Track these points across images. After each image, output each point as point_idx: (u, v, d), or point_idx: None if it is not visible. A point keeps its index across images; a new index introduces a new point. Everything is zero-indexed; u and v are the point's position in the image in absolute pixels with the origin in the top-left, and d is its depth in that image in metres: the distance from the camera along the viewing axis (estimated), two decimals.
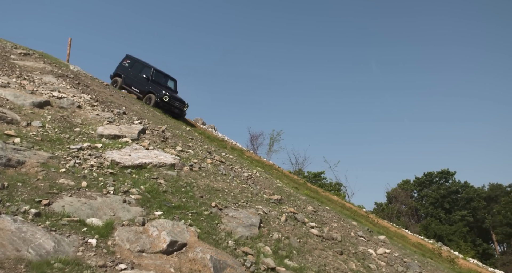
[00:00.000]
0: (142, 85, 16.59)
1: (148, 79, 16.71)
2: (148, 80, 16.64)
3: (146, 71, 17.20)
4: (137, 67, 17.47)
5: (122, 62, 17.96)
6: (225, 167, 8.23)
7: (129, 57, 18.31)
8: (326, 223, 7.19)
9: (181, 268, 3.58)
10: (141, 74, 17.03)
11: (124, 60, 18.04)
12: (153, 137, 8.00)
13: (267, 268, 4.19)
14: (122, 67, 17.68)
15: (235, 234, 4.81)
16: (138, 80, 16.78)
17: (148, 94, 16.31)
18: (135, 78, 16.97)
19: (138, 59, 18.04)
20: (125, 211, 4.29)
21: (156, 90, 16.32)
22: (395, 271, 5.94)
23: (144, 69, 17.34)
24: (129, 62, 17.82)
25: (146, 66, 17.46)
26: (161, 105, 15.87)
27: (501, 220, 51.82)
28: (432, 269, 7.00)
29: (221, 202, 5.70)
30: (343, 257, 5.59)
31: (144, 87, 16.51)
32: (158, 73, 17.59)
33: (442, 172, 59.65)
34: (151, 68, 17.40)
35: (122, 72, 17.48)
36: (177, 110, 16.77)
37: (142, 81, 16.69)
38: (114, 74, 17.73)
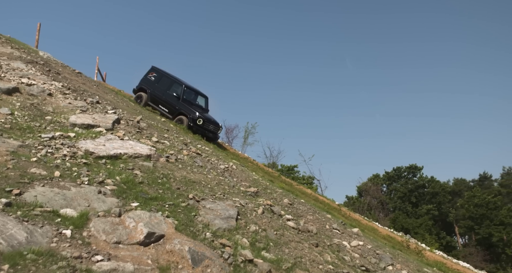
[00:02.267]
0: (171, 104, 14.62)
1: (178, 97, 14.66)
2: (178, 99, 14.62)
3: (175, 88, 15.11)
4: (165, 82, 15.35)
5: (147, 75, 15.78)
6: (201, 159, 8.16)
7: (155, 69, 16.01)
8: (301, 215, 7.27)
9: (158, 260, 3.53)
10: (170, 91, 14.97)
11: (150, 72, 15.85)
12: (128, 127, 7.83)
13: (245, 260, 4.18)
14: (148, 81, 15.49)
15: (213, 226, 4.79)
16: (167, 98, 14.75)
17: (179, 115, 14.33)
18: (163, 95, 14.88)
19: (166, 73, 15.84)
20: (100, 202, 4.18)
21: (188, 111, 14.34)
22: (369, 262, 6.08)
23: (173, 85, 15.23)
24: (155, 76, 15.62)
25: (176, 82, 15.35)
26: (195, 129, 13.99)
27: (464, 214, 54.07)
28: (403, 260, 7.22)
29: (198, 194, 5.65)
30: (318, 249, 5.67)
31: (174, 106, 14.55)
32: (189, 90, 15.45)
33: (410, 167, 61.49)
34: (181, 84, 15.22)
35: (147, 86, 15.30)
36: (211, 134, 14.92)
37: (171, 99, 14.69)
38: (138, 88, 15.56)
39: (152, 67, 16.09)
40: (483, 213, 51.90)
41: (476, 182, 61.22)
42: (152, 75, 15.70)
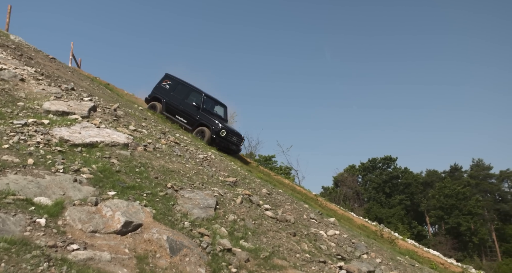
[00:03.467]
0: (190, 115, 13.62)
1: (198, 107, 13.64)
2: (198, 109, 13.64)
3: (194, 97, 14.06)
4: (181, 91, 14.27)
5: (161, 83, 14.73)
6: (180, 148, 8.08)
7: (169, 77, 14.97)
8: (280, 205, 7.33)
9: (136, 249, 3.50)
10: (188, 100, 13.96)
11: (164, 80, 14.82)
12: (105, 115, 7.65)
13: (223, 249, 4.20)
14: (162, 89, 14.47)
15: (191, 215, 4.77)
16: (185, 108, 13.76)
17: (200, 126, 13.31)
18: (180, 105, 13.88)
19: (182, 81, 14.76)
20: (76, 190, 4.09)
21: (210, 122, 13.34)
22: (344, 251, 6.21)
23: (191, 94, 14.16)
24: (170, 84, 14.58)
25: (194, 90, 14.29)
26: (217, 141, 13.09)
27: (435, 204, 55.89)
28: (377, 249, 7.41)
29: (176, 183, 5.60)
30: (296, 238, 5.74)
31: (193, 117, 13.55)
32: (208, 100, 14.45)
33: (385, 158, 62.90)
34: (201, 93, 14.16)
35: (161, 95, 14.26)
36: (234, 146, 14.05)
37: (190, 109, 13.70)
38: (151, 97, 14.53)
39: (166, 75, 15.00)
40: (452, 203, 53.78)
41: (447, 173, 63.27)
42: (166, 83, 14.61)
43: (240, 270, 3.89)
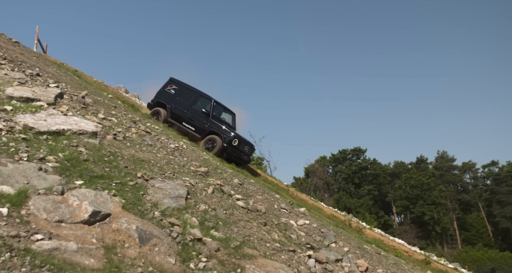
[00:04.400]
0: (199, 122, 12.74)
1: (208, 114, 12.75)
2: (208, 116, 12.76)
3: (203, 103, 13.15)
4: (188, 96, 13.37)
5: (165, 88, 13.79)
6: (151, 138, 7.96)
7: (174, 81, 13.97)
8: (251, 195, 7.37)
9: (104, 239, 3.43)
10: (195, 106, 13.05)
11: (168, 85, 13.87)
12: (72, 102, 7.41)
13: (194, 238, 4.19)
14: (166, 95, 13.53)
15: (162, 205, 4.72)
16: (193, 115, 12.88)
17: (210, 135, 12.41)
18: (187, 112, 12.99)
19: (188, 85, 13.76)
20: (41, 179, 3.96)
21: (221, 130, 12.47)
22: (314, 240, 6.34)
23: (199, 100, 13.23)
24: (175, 89, 13.63)
25: (203, 96, 13.36)
26: (229, 151, 12.30)
27: (401, 194, 57.83)
28: (345, 238, 7.60)
29: (147, 172, 5.52)
30: (266, 228, 5.80)
31: (202, 125, 12.65)
32: (218, 106, 13.53)
33: (355, 150, 64.33)
34: (210, 99, 13.21)
35: (166, 101, 13.33)
36: (246, 157, 13.25)
37: (198, 116, 12.83)
38: (154, 102, 13.58)
39: (171, 79, 14.09)
40: (418, 193, 55.82)
41: (414, 165, 65.49)
42: (171, 87, 13.70)
43: (210, 260, 3.90)
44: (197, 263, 3.72)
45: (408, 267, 7.97)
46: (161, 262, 3.42)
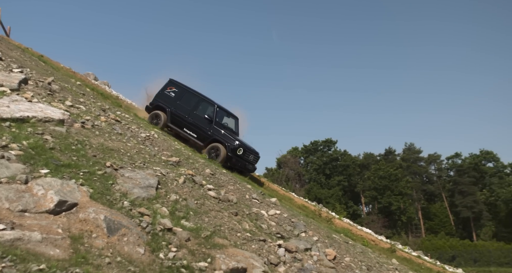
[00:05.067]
0: (201, 129, 11.96)
1: (211, 120, 11.93)
2: (211, 122, 11.95)
3: (205, 108, 12.36)
4: (189, 100, 12.49)
5: (165, 90, 12.92)
6: (121, 127, 7.79)
7: (174, 83, 13.05)
8: (223, 185, 7.37)
9: (70, 229, 3.35)
10: (197, 111, 12.24)
11: (168, 87, 12.98)
12: (38, 89, 7.13)
13: (164, 228, 4.16)
14: (166, 97, 12.69)
15: (131, 195, 4.65)
16: (195, 120, 12.07)
17: (213, 142, 11.68)
18: (188, 117, 12.17)
19: (189, 88, 12.86)
20: (3, 167, 3.81)
21: (225, 138, 11.74)
22: (284, 230, 6.42)
23: (202, 105, 12.42)
24: (175, 91, 12.76)
25: (205, 101, 12.54)
26: (234, 161, 11.61)
27: (370, 185, 59.41)
28: (315, 227, 7.74)
29: (116, 162, 5.41)
30: (237, 218, 5.83)
31: (205, 131, 11.90)
32: (221, 111, 12.72)
33: (326, 141, 65.39)
34: (213, 104, 12.42)
35: (166, 104, 12.50)
36: (251, 166, 12.64)
37: (200, 122, 12.04)
38: (153, 106, 12.73)
39: (171, 81, 13.21)
40: (385, 184, 57.52)
41: (382, 156, 67.27)
42: (171, 90, 12.84)
43: (180, 250, 3.89)
44: (167, 253, 3.70)
45: (374, 255, 8.23)
46: (130, 252, 3.38)
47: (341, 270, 5.87)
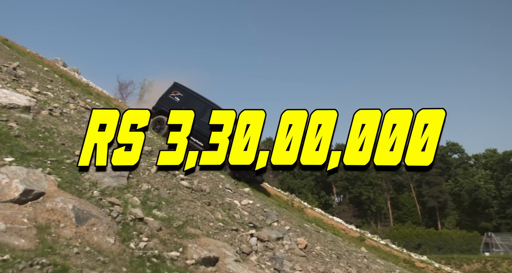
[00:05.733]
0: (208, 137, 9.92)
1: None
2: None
3: None
4: (196, 106, 11.30)
5: (169, 94, 12.07)
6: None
7: (179, 87, 12.23)
8: (196, 175, 7.33)
9: (36, 218, 3.26)
10: (204, 118, 11.12)
11: (172, 91, 12.15)
12: (2, 74, 6.83)
13: (135, 218, 4.11)
14: (170, 102, 11.78)
15: (101, 184, 4.56)
16: (202, 128, 10.90)
17: None
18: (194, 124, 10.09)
19: (195, 93, 12.03)
20: None
21: None
22: (257, 219, 6.48)
23: (209, 111, 11.05)
24: (180, 96, 11.92)
25: (213, 107, 11.46)
26: (243, 172, 10.90)
27: (341, 175, 60.59)
28: (287, 217, 7.85)
29: None
30: (210, 207, 5.83)
31: None
32: None
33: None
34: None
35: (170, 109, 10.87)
36: (259, 177, 12.08)
37: (207, 131, 10.30)
38: (157, 110, 11.78)
39: (175, 84, 12.45)
40: (357, 174, 58.84)
41: None
42: (175, 94, 12.03)
43: (151, 239, 3.86)
44: (138, 243, 3.67)
45: (344, 244, 8.44)
46: (99, 242, 3.33)
47: (312, 259, 5.99)
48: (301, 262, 5.54)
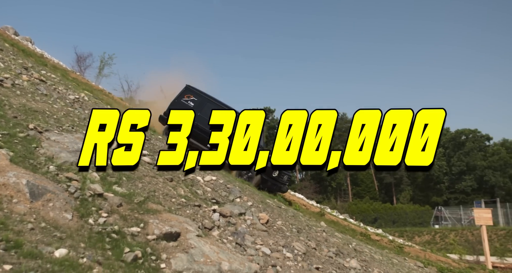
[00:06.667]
0: None
1: None
2: None
3: None
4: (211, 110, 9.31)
5: (181, 98, 11.19)
6: (46, 87, 7.21)
7: (192, 91, 11.34)
8: (158, 151, 7.22)
9: None
10: None
11: (185, 94, 11.26)
12: None
13: (94, 194, 4.02)
14: (183, 107, 10.79)
15: (58, 159, 4.40)
16: None
17: None
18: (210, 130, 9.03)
19: (210, 97, 11.16)
20: None
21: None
22: (219, 195, 6.52)
23: None
24: (194, 100, 11.02)
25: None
26: (269, 184, 10.36)
27: None
28: (249, 193, 7.94)
29: (41, 124, 5.05)
30: (172, 183, 5.80)
31: None
32: None
33: (264, 109, 66.20)
34: None
35: None
36: (285, 187, 11.44)
37: None
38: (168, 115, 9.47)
39: (187, 87, 11.59)
40: None
41: None
42: (189, 98, 11.19)
43: (111, 215, 3.80)
44: (97, 219, 3.60)
45: (304, 218, 8.70)
46: (56, 218, 3.24)
47: (273, 233, 6.14)
48: (262, 236, 5.67)
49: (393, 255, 9.91)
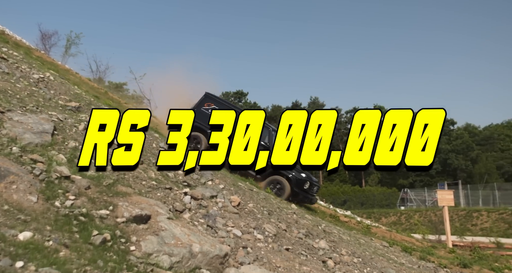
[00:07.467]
0: None
1: (267, 147, 9.62)
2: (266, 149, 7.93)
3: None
4: None
5: (201, 106, 10.71)
6: (8, 65, 6.88)
7: (213, 99, 10.88)
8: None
9: None
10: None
11: (205, 103, 10.81)
12: None
13: (60, 176, 3.91)
14: (204, 116, 9.77)
15: (22, 140, 4.24)
16: None
17: (273, 175, 9.97)
18: None
19: (232, 105, 10.79)
20: None
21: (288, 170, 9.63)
22: (191, 178, 6.49)
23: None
24: (216, 109, 9.32)
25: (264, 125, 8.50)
26: (301, 197, 10.20)
27: None
28: (221, 176, 7.96)
29: (2, 104, 4.83)
30: (143, 166, 5.72)
31: None
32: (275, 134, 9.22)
33: (237, 93, 66.01)
34: (268, 127, 10.33)
35: (205, 125, 9.79)
36: (315, 199, 11.20)
37: None
38: None
39: (207, 95, 11.15)
40: None
41: (289, 109, 70.30)
42: (209, 106, 10.75)
43: (79, 198, 3.72)
44: (64, 201, 3.52)
45: (275, 201, 8.83)
46: (19, 200, 3.14)
47: (244, 215, 6.21)
48: (233, 218, 5.72)
49: (361, 236, 10.26)
